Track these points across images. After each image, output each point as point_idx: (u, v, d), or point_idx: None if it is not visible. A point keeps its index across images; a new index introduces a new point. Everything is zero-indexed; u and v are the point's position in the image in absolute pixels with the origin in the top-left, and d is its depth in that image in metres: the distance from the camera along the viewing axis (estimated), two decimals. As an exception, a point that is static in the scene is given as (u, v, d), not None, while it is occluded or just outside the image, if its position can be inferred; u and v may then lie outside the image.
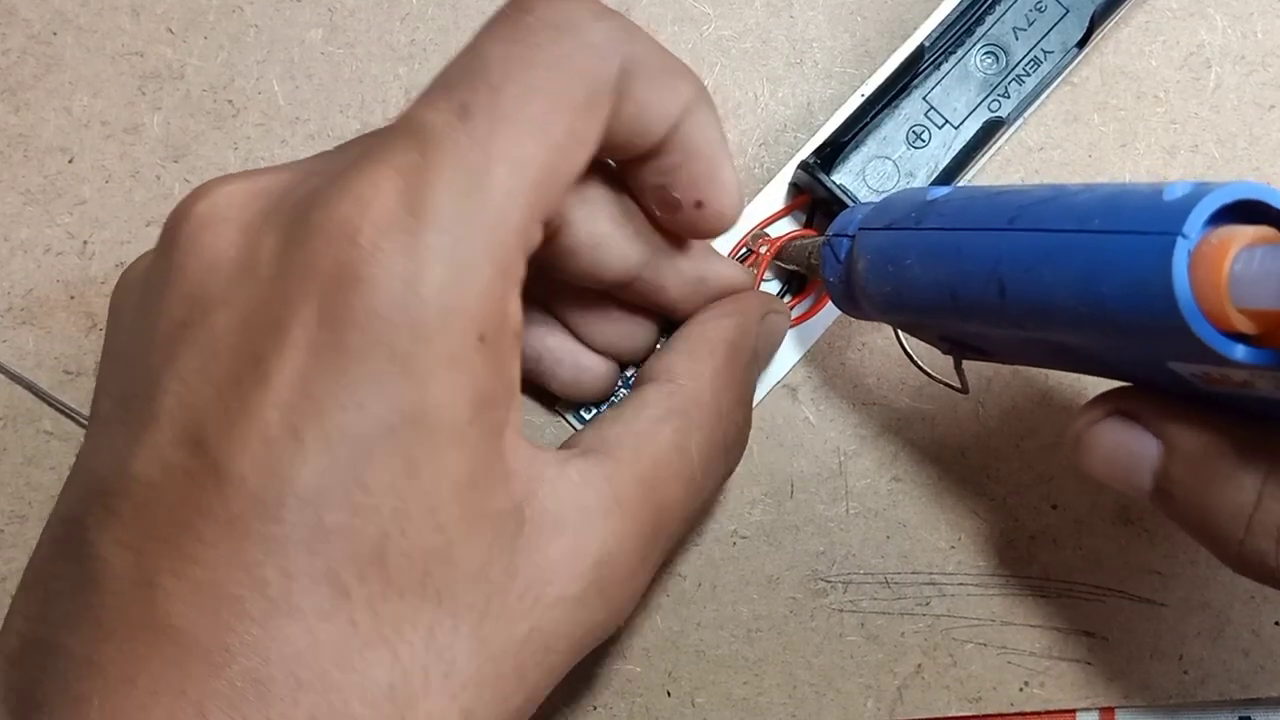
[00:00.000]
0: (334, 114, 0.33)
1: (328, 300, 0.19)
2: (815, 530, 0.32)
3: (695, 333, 0.27)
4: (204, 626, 0.18)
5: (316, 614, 0.19)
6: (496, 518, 0.20)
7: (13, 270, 0.33)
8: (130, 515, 0.19)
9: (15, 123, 0.33)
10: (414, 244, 0.19)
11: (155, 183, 0.33)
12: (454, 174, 0.19)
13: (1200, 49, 0.34)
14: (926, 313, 0.24)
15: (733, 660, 0.31)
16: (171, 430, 0.19)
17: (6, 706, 0.20)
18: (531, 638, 0.21)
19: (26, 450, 0.32)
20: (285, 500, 0.19)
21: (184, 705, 0.18)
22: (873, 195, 0.30)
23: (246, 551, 0.18)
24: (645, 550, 0.23)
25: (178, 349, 0.20)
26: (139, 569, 0.19)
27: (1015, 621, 0.31)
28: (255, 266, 0.20)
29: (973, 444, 0.32)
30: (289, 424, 0.19)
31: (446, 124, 0.20)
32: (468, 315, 0.19)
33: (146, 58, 0.34)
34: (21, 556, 0.32)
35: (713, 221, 0.25)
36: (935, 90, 0.31)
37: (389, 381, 0.19)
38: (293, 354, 0.19)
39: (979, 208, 0.23)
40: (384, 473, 0.19)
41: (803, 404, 0.32)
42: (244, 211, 0.21)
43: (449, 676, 0.20)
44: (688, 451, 0.24)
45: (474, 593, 0.20)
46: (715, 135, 0.24)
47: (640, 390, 0.25)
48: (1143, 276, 0.18)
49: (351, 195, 0.19)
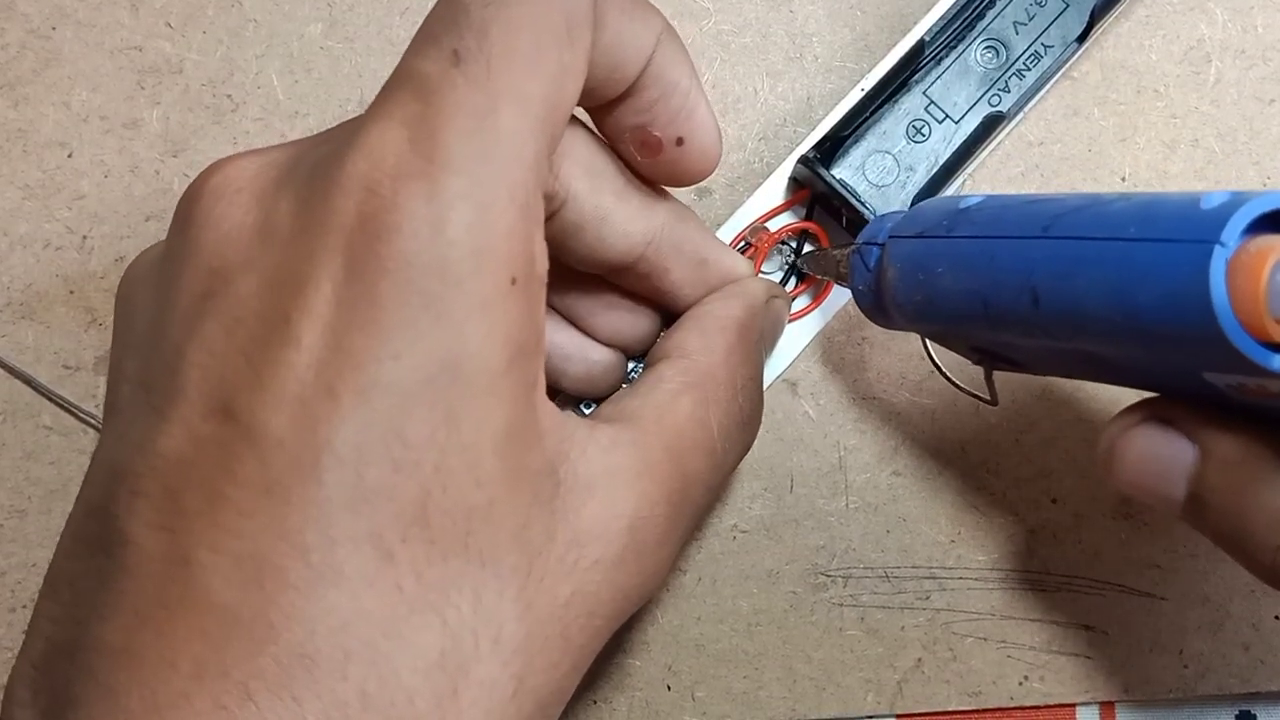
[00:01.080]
0: (333, 108, 0.33)
1: (354, 252, 0.19)
2: (815, 525, 0.32)
3: (704, 312, 0.27)
4: (246, 601, 0.18)
5: (362, 580, 0.18)
6: (534, 477, 0.20)
7: (12, 265, 0.33)
8: (160, 495, 0.19)
9: (14, 117, 0.33)
10: (434, 189, 0.19)
11: (154, 177, 0.33)
12: (460, 118, 0.19)
13: (1200, 43, 0.34)
14: (957, 322, 0.24)
15: (732, 654, 0.31)
16: (200, 402, 0.19)
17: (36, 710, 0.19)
18: (574, 601, 0.20)
19: (26, 445, 0.32)
20: (323, 460, 0.18)
21: (228, 687, 0.17)
22: (872, 190, 0.30)
23: (288, 518, 0.18)
24: (674, 516, 0.23)
25: (200, 321, 0.20)
26: (174, 547, 0.18)
27: (1015, 616, 0.31)
28: (274, 230, 0.20)
29: (972, 439, 0.32)
30: (323, 381, 0.18)
31: (442, 71, 0.20)
32: (497, 257, 0.19)
33: (145, 52, 0.34)
34: (21, 551, 0.32)
35: (696, 159, 0.25)
36: (935, 85, 0.31)
37: (424, 328, 0.18)
38: (322, 309, 0.19)
39: (1012, 216, 0.23)
40: (424, 425, 0.18)
41: (803, 399, 0.32)
42: (256, 181, 0.21)
43: (499, 642, 0.19)
44: (708, 423, 0.24)
45: (516, 555, 0.20)
46: (689, 69, 0.24)
47: (655, 367, 0.25)
48: (1179, 285, 0.18)
49: (364, 151, 0.19)
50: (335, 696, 0.18)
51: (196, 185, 0.21)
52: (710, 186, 0.33)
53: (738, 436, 0.25)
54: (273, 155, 0.21)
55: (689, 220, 0.27)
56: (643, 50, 0.23)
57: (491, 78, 0.20)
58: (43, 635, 0.20)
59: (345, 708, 0.18)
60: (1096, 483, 0.32)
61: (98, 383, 0.32)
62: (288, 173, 0.21)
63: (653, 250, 0.26)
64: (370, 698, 0.18)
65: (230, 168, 0.21)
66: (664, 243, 0.26)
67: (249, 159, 0.21)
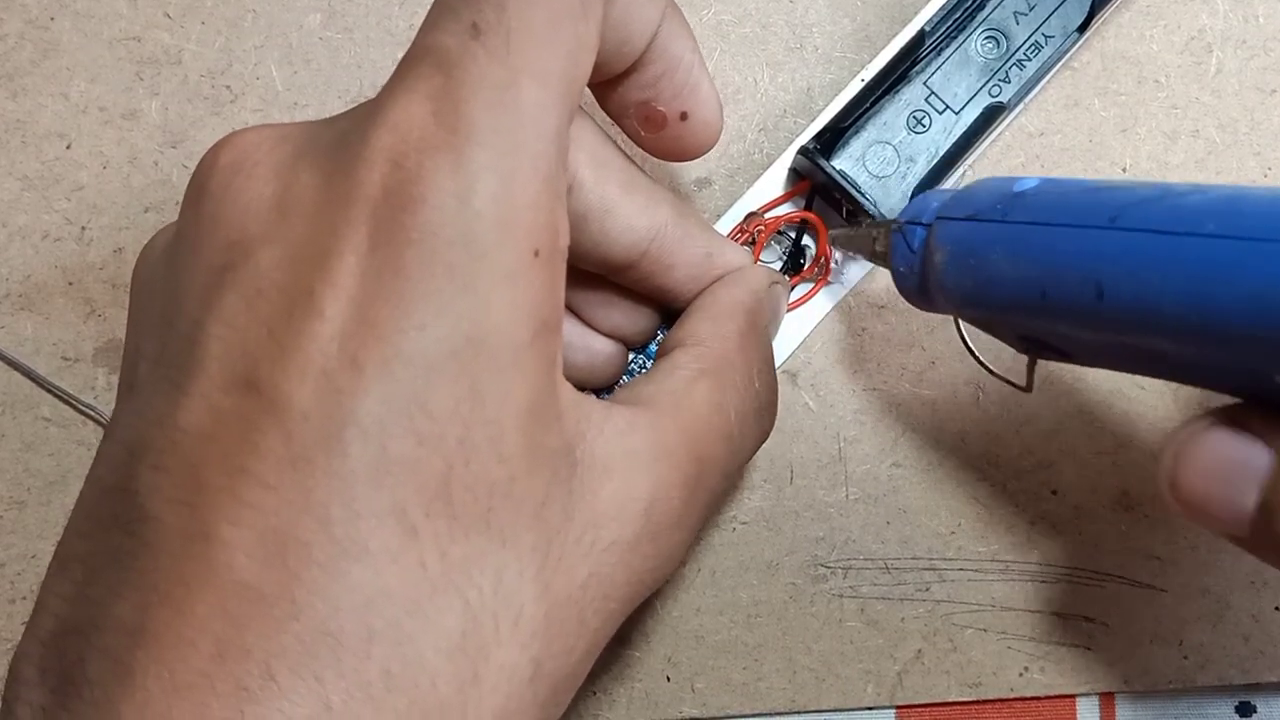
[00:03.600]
0: (332, 99, 0.33)
1: (380, 224, 0.19)
2: (815, 516, 0.32)
3: (711, 300, 0.27)
4: (268, 577, 0.17)
5: (385, 555, 0.18)
6: (553, 455, 0.20)
7: (11, 256, 0.33)
8: (180, 470, 0.18)
9: (13, 108, 0.33)
10: (459, 160, 0.19)
11: (153, 168, 0.33)
12: (482, 90, 0.19)
13: (1201, 33, 0.33)
14: (1009, 310, 0.23)
15: (732, 645, 0.31)
16: (220, 375, 0.19)
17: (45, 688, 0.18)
18: (590, 584, 0.20)
19: (25, 436, 0.32)
20: (347, 432, 0.18)
21: (249, 667, 0.17)
22: (873, 181, 0.30)
23: (312, 491, 0.18)
24: (690, 500, 0.23)
25: (220, 294, 0.19)
26: (194, 522, 0.18)
27: (1015, 607, 0.31)
28: (296, 203, 0.20)
29: (973, 429, 0.32)
30: (348, 353, 0.18)
31: (462, 45, 0.20)
32: (522, 228, 0.19)
33: (144, 43, 0.34)
34: (20, 543, 0.32)
35: (699, 133, 0.25)
36: (936, 75, 0.31)
37: (449, 300, 0.18)
38: (347, 281, 0.18)
39: (1074, 203, 0.22)
40: (448, 397, 0.18)
41: (802, 389, 0.32)
42: (274, 154, 0.20)
43: (518, 624, 0.19)
44: (725, 409, 0.24)
45: (536, 533, 0.19)
46: (692, 44, 0.24)
47: (669, 355, 0.25)
48: (1266, 286, 0.18)
49: (388, 125, 0.19)
50: (359, 676, 0.17)
51: (209, 159, 0.21)
52: (710, 177, 0.33)
53: (754, 422, 0.25)
54: (286, 130, 0.21)
55: (690, 216, 0.27)
56: (649, 24, 0.23)
57: (511, 51, 0.20)
58: (52, 614, 0.19)
59: (369, 688, 0.17)
60: (1097, 474, 0.32)
61: (97, 374, 0.32)
62: (306, 146, 0.20)
63: (657, 246, 0.26)
64: (394, 678, 0.18)
65: (244, 141, 0.21)
66: (669, 238, 0.26)
67: (263, 132, 0.21)
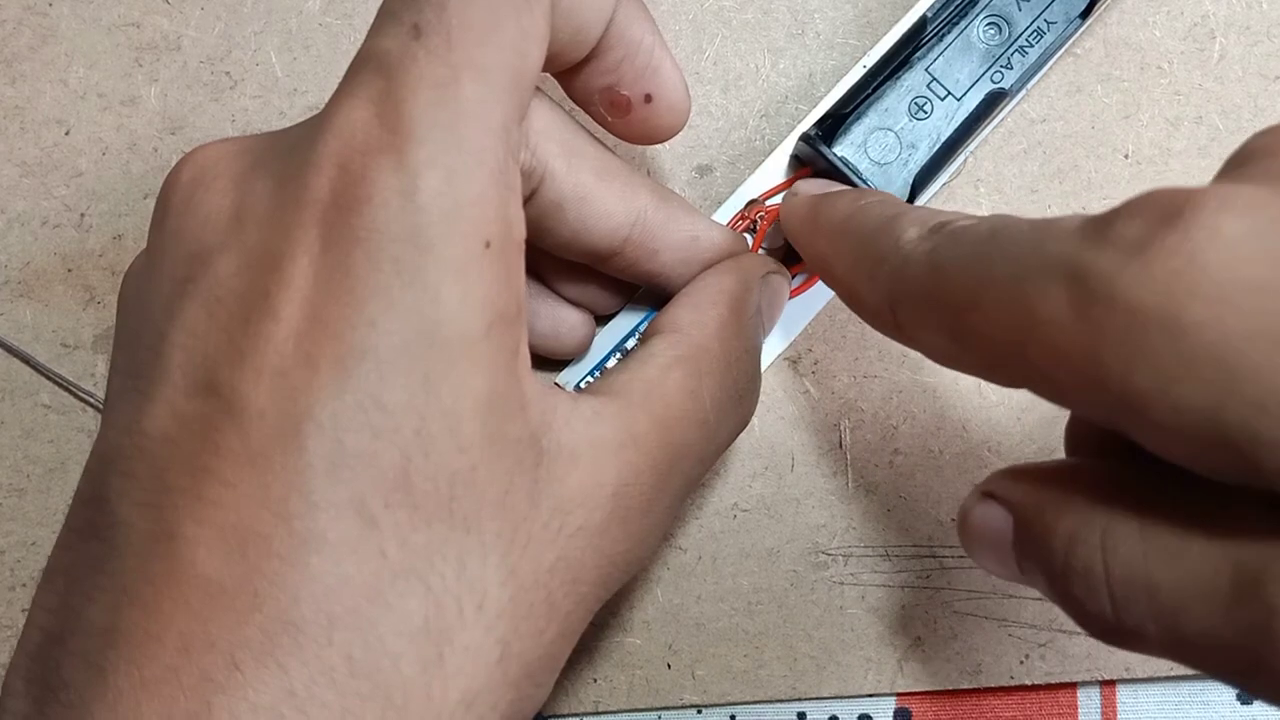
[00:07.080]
0: (332, 85, 0.33)
1: (328, 226, 0.19)
2: (816, 503, 0.32)
3: (697, 287, 0.27)
4: (230, 571, 0.18)
5: (345, 546, 0.18)
6: (516, 445, 0.20)
7: (10, 243, 0.33)
8: (146, 473, 0.19)
9: (11, 94, 0.33)
10: (401, 159, 0.19)
11: (153, 155, 0.33)
12: (422, 89, 0.20)
13: (1205, 19, 0.33)
14: None
15: (733, 633, 0.31)
16: (182, 381, 0.19)
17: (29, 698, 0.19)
18: (558, 567, 0.21)
19: (24, 423, 0.32)
20: (304, 428, 0.18)
21: (215, 659, 0.18)
22: (874, 167, 0.30)
23: (270, 486, 0.18)
24: (660, 485, 0.23)
25: (182, 304, 0.20)
26: (160, 523, 0.19)
27: (1016, 594, 0.31)
28: (251, 211, 0.20)
29: (974, 417, 0.32)
30: (302, 351, 0.19)
31: (403, 46, 0.20)
32: (469, 220, 0.19)
33: (143, 29, 0.33)
34: (20, 530, 0.31)
35: (665, 115, 0.26)
36: (938, 61, 0.31)
37: (398, 294, 0.19)
38: (300, 283, 0.19)
39: None
40: (401, 390, 0.19)
41: (804, 377, 0.32)
42: (232, 166, 0.21)
43: (482, 608, 0.19)
44: (699, 395, 0.24)
45: (500, 520, 0.20)
46: (651, 26, 0.25)
47: (647, 342, 0.25)
48: None
49: (334, 131, 0.20)
50: (321, 663, 0.18)
51: (172, 176, 0.22)
52: (711, 164, 0.33)
53: (731, 408, 0.25)
54: (247, 142, 0.22)
55: (673, 200, 0.27)
56: (603, 11, 0.23)
57: (452, 48, 0.20)
58: (38, 626, 0.20)
59: (331, 673, 0.18)
60: (1098, 461, 0.32)
61: (96, 361, 0.32)
62: (263, 157, 0.21)
63: (639, 231, 0.26)
64: (356, 663, 0.18)
65: (204, 157, 0.22)
66: (650, 223, 0.26)
67: (223, 145, 0.22)
